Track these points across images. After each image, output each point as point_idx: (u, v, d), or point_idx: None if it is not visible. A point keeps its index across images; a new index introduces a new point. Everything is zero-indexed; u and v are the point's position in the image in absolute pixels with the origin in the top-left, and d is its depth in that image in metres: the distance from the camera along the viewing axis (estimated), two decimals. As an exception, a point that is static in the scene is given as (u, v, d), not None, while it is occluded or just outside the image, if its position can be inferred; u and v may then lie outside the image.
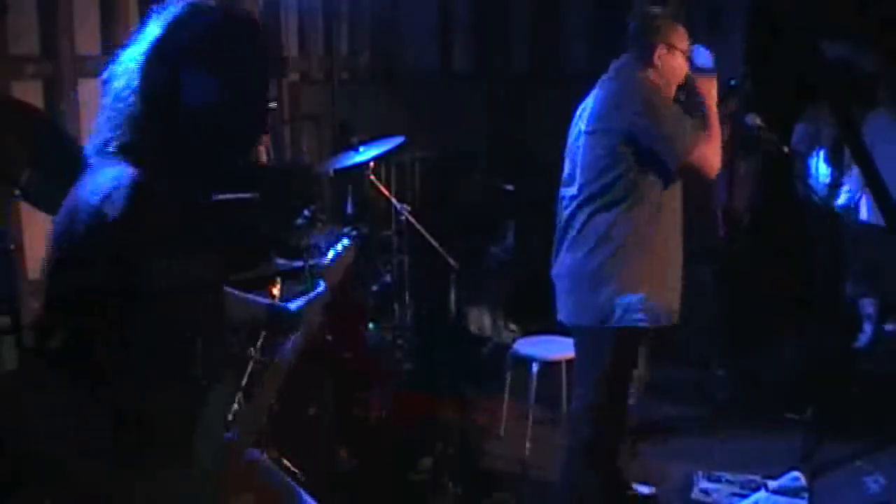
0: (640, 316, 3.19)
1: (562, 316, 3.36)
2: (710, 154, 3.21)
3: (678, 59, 3.30)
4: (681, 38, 3.32)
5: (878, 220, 4.97)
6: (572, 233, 3.28)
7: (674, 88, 3.33)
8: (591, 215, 3.23)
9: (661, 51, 3.27)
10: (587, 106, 3.32)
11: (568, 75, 6.78)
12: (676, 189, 3.31)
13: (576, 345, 3.42)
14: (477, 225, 6.16)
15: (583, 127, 3.28)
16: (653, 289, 3.21)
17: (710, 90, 3.32)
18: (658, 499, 3.87)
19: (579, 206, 3.25)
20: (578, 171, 3.26)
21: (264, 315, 2.28)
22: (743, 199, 5.50)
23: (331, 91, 5.98)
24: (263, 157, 5.54)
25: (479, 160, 6.75)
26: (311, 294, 2.35)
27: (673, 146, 3.15)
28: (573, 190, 3.28)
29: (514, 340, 4.77)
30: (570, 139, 3.36)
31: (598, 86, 3.33)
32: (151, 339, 1.64)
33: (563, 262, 3.33)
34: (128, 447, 1.65)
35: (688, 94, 3.39)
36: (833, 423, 4.30)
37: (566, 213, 3.31)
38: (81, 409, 1.64)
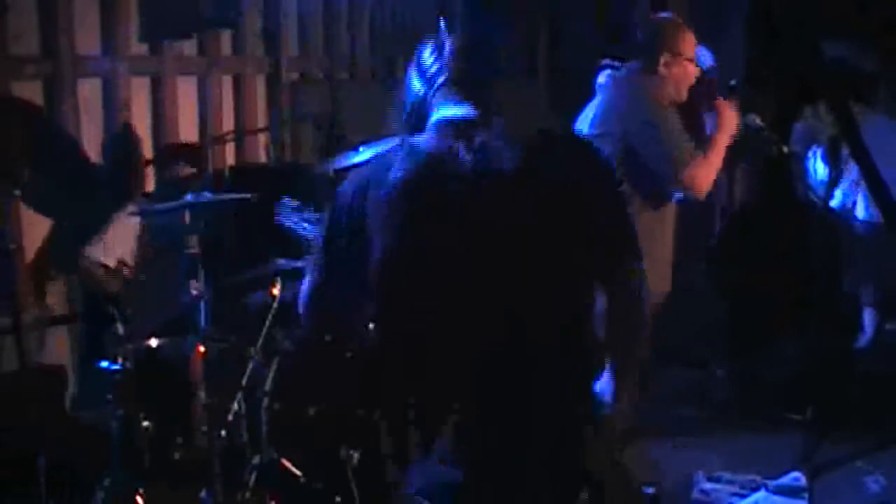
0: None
1: None
2: (702, 176, 3.14)
3: (685, 67, 3.22)
4: (688, 45, 3.24)
5: (877, 218, 4.97)
6: None
7: (683, 94, 3.26)
8: None
9: (666, 59, 3.20)
10: (587, 115, 3.29)
11: (567, 75, 6.77)
12: None
13: None
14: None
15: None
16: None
17: (731, 117, 3.23)
18: (658, 499, 3.86)
19: None
20: None
21: None
22: (742, 199, 5.49)
23: (331, 91, 5.97)
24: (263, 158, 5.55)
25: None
26: None
27: (668, 164, 3.11)
28: None
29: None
30: None
31: (599, 91, 3.30)
32: None
33: None
34: None
35: (694, 111, 3.33)
36: (833, 423, 4.30)
37: None
38: None
